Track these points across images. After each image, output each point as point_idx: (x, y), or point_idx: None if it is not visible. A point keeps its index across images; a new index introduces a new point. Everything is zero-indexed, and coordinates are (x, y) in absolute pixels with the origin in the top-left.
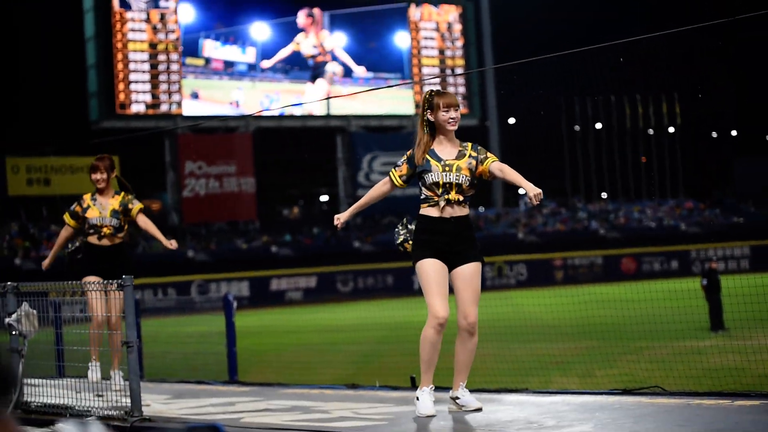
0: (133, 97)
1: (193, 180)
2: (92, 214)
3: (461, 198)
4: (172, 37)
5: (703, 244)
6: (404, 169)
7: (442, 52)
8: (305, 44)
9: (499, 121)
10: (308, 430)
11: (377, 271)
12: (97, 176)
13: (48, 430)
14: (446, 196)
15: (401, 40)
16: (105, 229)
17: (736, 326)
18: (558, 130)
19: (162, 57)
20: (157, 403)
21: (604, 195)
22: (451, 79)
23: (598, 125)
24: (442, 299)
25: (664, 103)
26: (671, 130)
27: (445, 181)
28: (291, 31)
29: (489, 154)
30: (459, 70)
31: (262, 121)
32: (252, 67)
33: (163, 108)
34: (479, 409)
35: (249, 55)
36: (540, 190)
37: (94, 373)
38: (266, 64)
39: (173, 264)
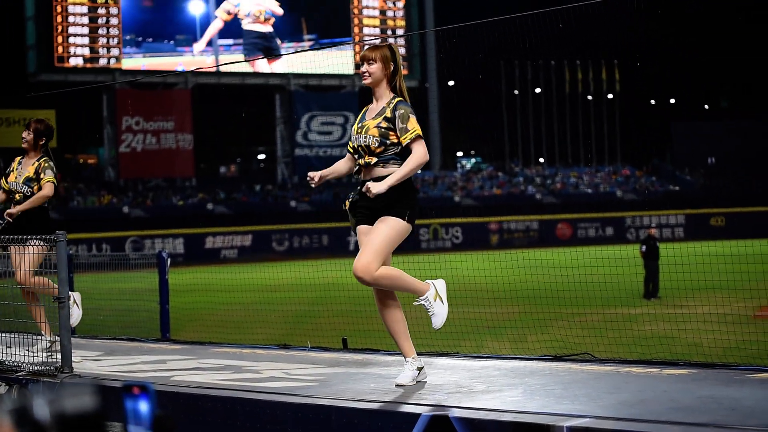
0: (72, 50)
1: (130, 135)
2: (10, 179)
3: (374, 160)
4: None
5: (638, 212)
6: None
7: (383, 12)
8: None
9: (439, 83)
10: (239, 389)
11: (312, 230)
12: (23, 135)
13: None
14: (360, 161)
15: (194, 7)
16: (17, 195)
17: (668, 295)
18: (497, 94)
19: (102, 10)
20: (88, 359)
21: (541, 160)
22: (390, 40)
23: (537, 90)
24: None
25: (604, 69)
26: (610, 96)
27: (357, 144)
28: None
29: (411, 127)
30: (400, 31)
31: (201, 78)
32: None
33: (102, 62)
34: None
35: None
36: (375, 190)
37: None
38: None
39: (108, 219)
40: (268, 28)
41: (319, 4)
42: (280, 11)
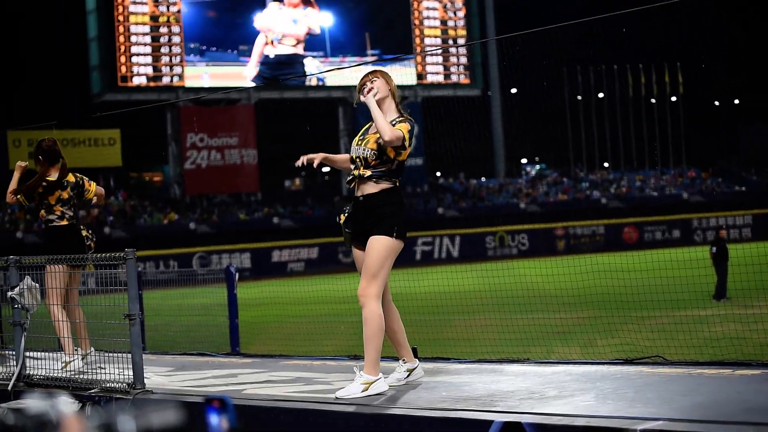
0: (135, 69)
1: (194, 152)
2: None
3: (367, 173)
4: (174, 9)
5: (705, 213)
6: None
7: (444, 22)
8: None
9: (502, 91)
10: (311, 401)
11: None
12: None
13: (13, 405)
14: (355, 171)
15: (258, 20)
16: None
17: (738, 295)
18: (560, 100)
19: (164, 29)
20: (158, 375)
21: (606, 164)
22: (453, 50)
23: (601, 95)
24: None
25: (667, 72)
26: (674, 99)
27: (355, 155)
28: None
29: (399, 127)
30: (461, 41)
31: (264, 93)
32: None
33: (165, 80)
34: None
35: None
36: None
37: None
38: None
39: (175, 236)
40: (289, 50)
41: (382, 19)
42: (310, 30)
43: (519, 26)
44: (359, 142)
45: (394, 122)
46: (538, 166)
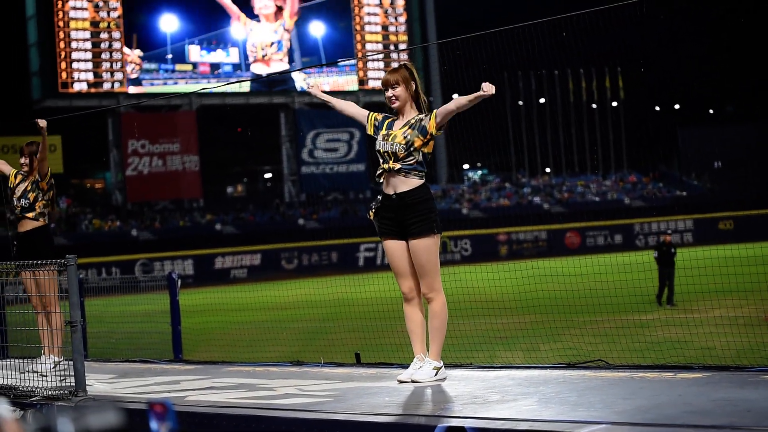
0: (76, 75)
1: (136, 158)
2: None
3: (399, 166)
4: (114, 15)
5: (646, 218)
6: (379, 117)
7: (385, 28)
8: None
9: (443, 96)
10: (254, 407)
11: (321, 247)
12: (21, 161)
13: None
14: (384, 165)
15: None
16: (17, 208)
17: (680, 299)
18: (502, 105)
19: (104, 35)
20: (101, 382)
21: (547, 170)
22: (394, 55)
23: (542, 100)
24: (401, 278)
25: (607, 77)
26: (614, 104)
27: (383, 150)
28: None
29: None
30: (402, 46)
31: (205, 99)
32: (237, 67)
33: (106, 86)
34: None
35: (233, 56)
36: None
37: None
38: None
39: (117, 243)
40: (279, 66)
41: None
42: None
43: (460, 31)
44: (385, 138)
45: (414, 121)
46: (480, 172)
